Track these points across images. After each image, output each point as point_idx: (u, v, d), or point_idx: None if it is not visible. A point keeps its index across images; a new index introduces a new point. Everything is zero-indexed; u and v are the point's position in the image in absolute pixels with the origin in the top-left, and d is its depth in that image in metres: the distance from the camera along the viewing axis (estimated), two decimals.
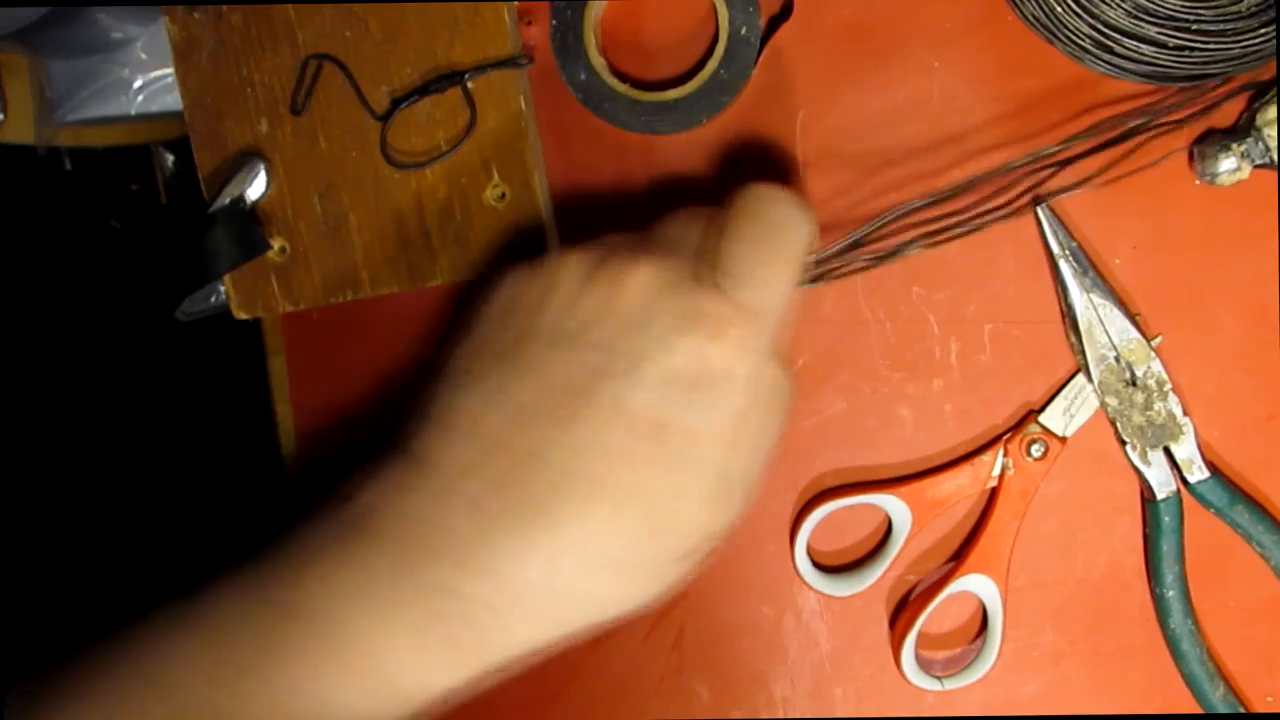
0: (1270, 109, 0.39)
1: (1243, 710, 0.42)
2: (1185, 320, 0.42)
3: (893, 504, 0.43)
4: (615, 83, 0.44)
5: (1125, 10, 0.38)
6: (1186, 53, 0.38)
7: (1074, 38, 0.39)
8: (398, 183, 0.44)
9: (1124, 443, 0.42)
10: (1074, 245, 0.41)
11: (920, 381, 0.44)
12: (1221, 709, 0.42)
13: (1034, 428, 0.43)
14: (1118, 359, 0.41)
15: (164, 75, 0.50)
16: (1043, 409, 0.43)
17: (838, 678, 0.45)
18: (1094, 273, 0.41)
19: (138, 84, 0.51)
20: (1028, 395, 0.43)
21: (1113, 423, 0.42)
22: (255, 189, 0.45)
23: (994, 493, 0.43)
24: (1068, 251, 0.41)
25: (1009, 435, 0.43)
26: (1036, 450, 0.42)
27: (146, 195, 0.55)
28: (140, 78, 0.51)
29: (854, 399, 0.44)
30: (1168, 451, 0.41)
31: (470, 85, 0.43)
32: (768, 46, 0.43)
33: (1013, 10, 0.41)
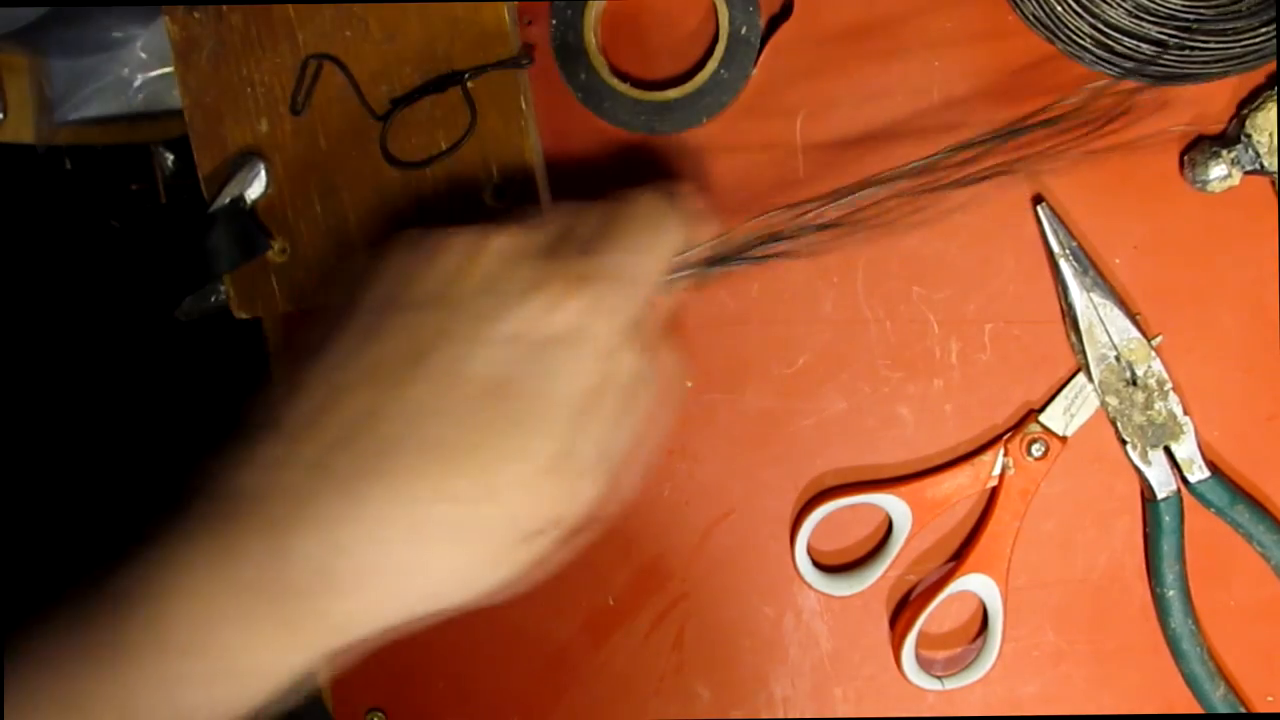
0: (1259, 114, 0.39)
1: (1243, 710, 0.42)
2: (1185, 320, 0.42)
3: (893, 504, 0.43)
4: (615, 82, 0.44)
5: (1125, 10, 0.38)
6: (1187, 52, 0.38)
7: (1074, 37, 0.39)
8: (398, 183, 0.44)
9: (1124, 442, 0.42)
10: (1074, 245, 0.41)
11: (920, 381, 0.44)
12: (1222, 709, 0.42)
13: (1034, 427, 0.43)
14: (1118, 358, 0.41)
15: (164, 75, 0.50)
16: (1043, 408, 0.43)
17: (838, 678, 0.45)
18: (1094, 272, 0.41)
19: (138, 83, 0.51)
20: (1028, 395, 0.43)
21: (1113, 422, 0.42)
22: (255, 189, 0.45)
23: (994, 492, 0.43)
24: (1068, 251, 0.41)
25: (1009, 435, 0.43)
26: (1037, 450, 0.42)
27: (146, 195, 0.55)
28: (140, 77, 0.51)
29: (854, 399, 0.44)
30: (1168, 451, 0.41)
31: (470, 85, 0.43)
32: (768, 46, 0.43)
33: (1013, 10, 0.41)
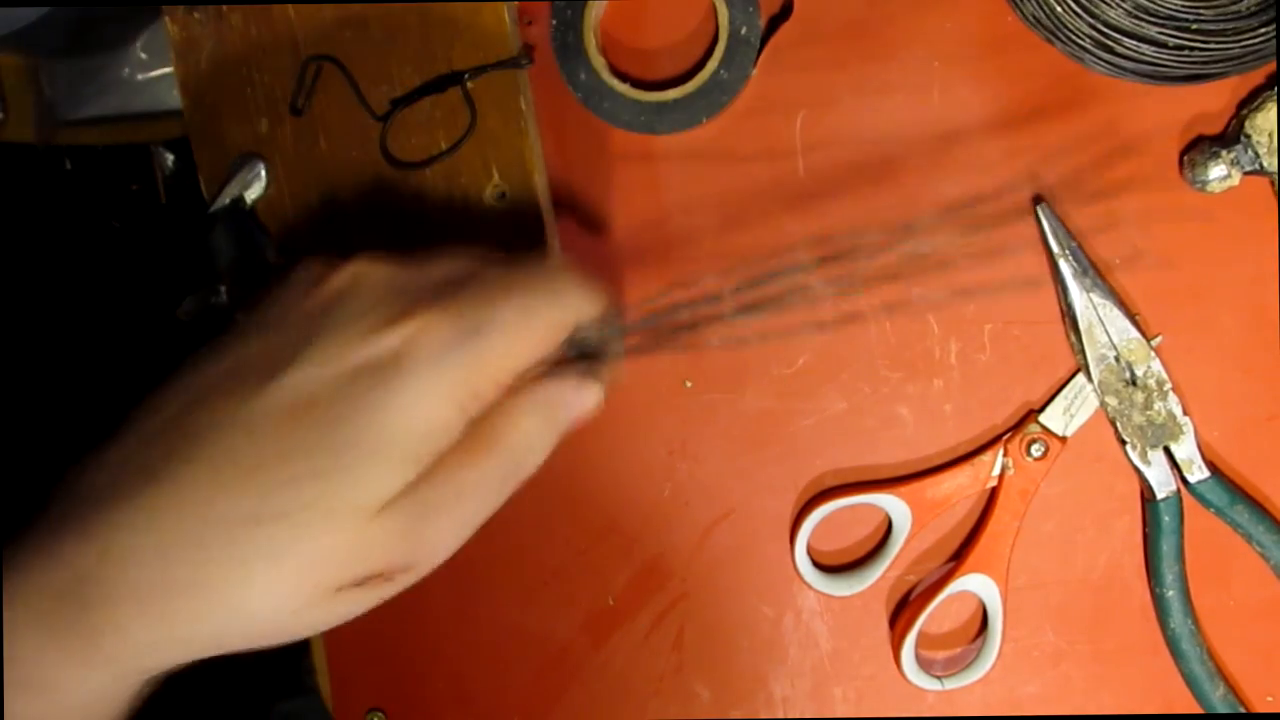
0: (1259, 114, 0.39)
1: (1243, 710, 0.42)
2: (1185, 320, 0.42)
3: (893, 504, 0.43)
4: (615, 82, 0.44)
5: (1125, 10, 0.38)
6: (1187, 52, 0.38)
7: (1074, 38, 0.39)
8: (398, 183, 0.44)
9: (1124, 442, 0.42)
10: (1074, 245, 0.41)
11: (920, 381, 0.44)
12: (1221, 709, 0.42)
13: (1034, 427, 0.43)
14: (1118, 359, 0.41)
15: (164, 75, 0.50)
16: (1043, 409, 0.43)
17: (838, 678, 0.45)
18: (1094, 273, 0.41)
19: (138, 83, 0.51)
20: (1028, 395, 0.43)
21: (1113, 422, 0.42)
22: (255, 189, 0.45)
23: (994, 492, 0.43)
24: (1068, 251, 0.41)
25: (1009, 435, 0.43)
26: (1036, 450, 0.42)
27: (146, 195, 0.55)
28: (140, 77, 0.51)
29: (854, 399, 0.44)
30: (1168, 451, 0.41)
31: (470, 85, 0.43)
32: (768, 46, 0.43)
33: (1013, 10, 0.41)
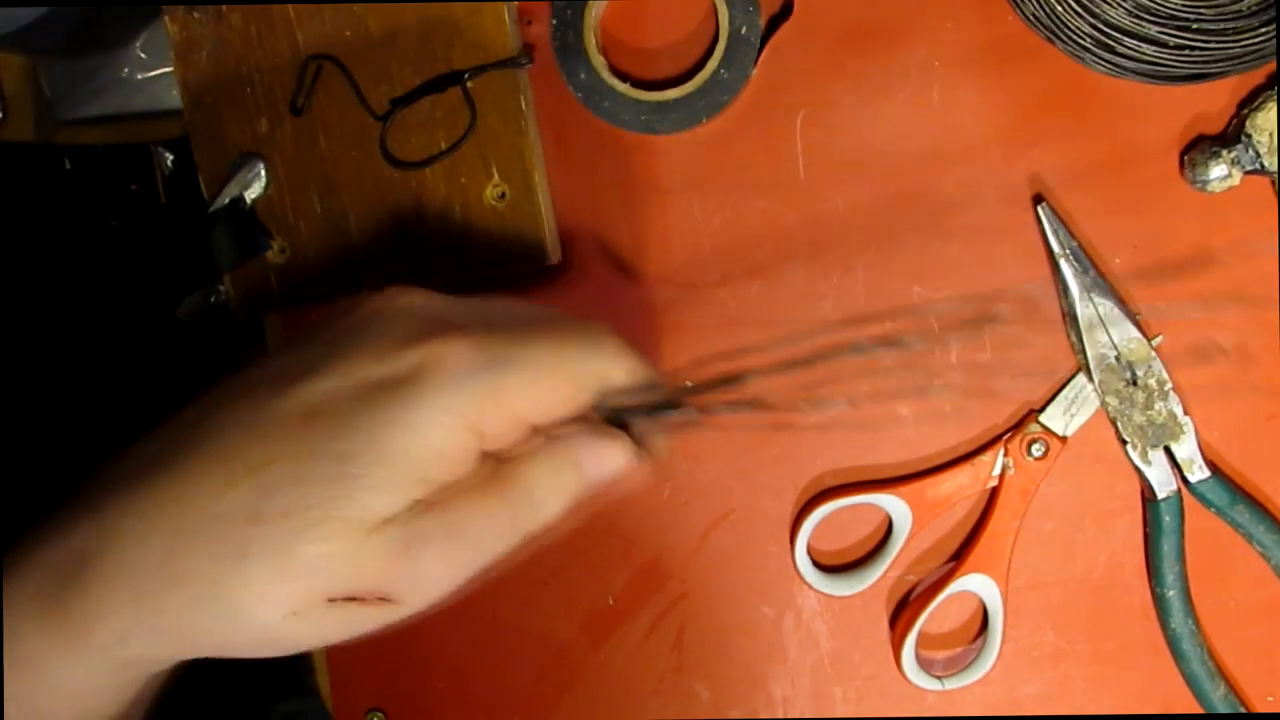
0: (1259, 114, 0.39)
1: (1243, 710, 0.42)
2: (1185, 320, 0.42)
3: (893, 504, 0.43)
4: (615, 82, 0.44)
5: (1126, 9, 0.38)
6: (1187, 52, 0.38)
7: (1074, 37, 0.39)
8: (398, 183, 0.44)
9: (1124, 442, 0.42)
10: (1074, 245, 0.41)
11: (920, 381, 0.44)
12: (1222, 709, 0.42)
13: (1034, 427, 0.42)
14: (1118, 358, 0.41)
15: (164, 75, 0.50)
16: (1043, 408, 0.43)
17: (838, 678, 0.45)
18: (1094, 272, 0.41)
19: (137, 83, 0.51)
20: (1028, 395, 0.43)
21: (1113, 422, 0.42)
22: (255, 189, 0.45)
23: (994, 492, 0.43)
24: (1068, 251, 0.41)
25: (1009, 435, 0.43)
26: (1037, 450, 0.42)
27: (146, 195, 0.55)
28: (140, 77, 0.51)
29: (854, 398, 0.44)
30: (1168, 451, 0.41)
31: (470, 85, 0.43)
32: (768, 46, 0.43)
33: (1013, 10, 0.41)
